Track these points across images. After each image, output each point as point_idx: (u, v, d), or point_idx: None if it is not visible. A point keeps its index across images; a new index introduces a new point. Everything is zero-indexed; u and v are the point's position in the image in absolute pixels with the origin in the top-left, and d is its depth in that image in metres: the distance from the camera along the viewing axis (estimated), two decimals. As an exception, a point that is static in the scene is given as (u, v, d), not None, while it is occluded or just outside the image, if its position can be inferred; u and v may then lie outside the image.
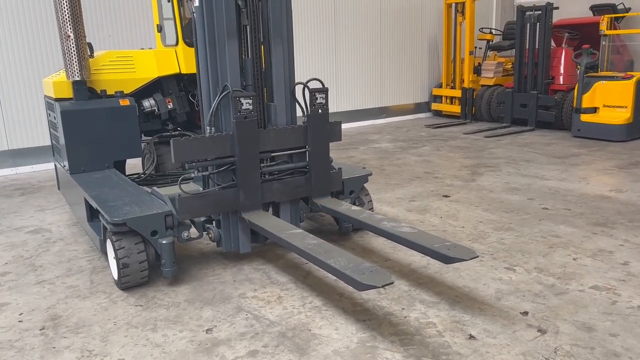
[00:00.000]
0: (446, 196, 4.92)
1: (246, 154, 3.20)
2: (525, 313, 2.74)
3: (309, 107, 3.41)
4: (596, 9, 9.44)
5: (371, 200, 3.99)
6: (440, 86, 10.38)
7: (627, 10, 9.21)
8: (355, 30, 9.37)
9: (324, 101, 3.42)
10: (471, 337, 2.53)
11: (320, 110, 3.43)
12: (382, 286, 2.30)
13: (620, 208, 4.43)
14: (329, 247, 2.73)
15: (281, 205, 3.50)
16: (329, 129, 3.54)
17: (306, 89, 3.44)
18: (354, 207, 3.46)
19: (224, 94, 3.15)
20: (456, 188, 5.19)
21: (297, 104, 3.50)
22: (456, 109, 9.95)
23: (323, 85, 3.50)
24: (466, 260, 2.57)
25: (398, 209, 4.55)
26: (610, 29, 8.11)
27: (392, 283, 2.32)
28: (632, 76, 7.27)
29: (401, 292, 3.01)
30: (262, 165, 3.37)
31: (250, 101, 3.15)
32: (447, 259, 2.63)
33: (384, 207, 4.61)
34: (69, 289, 3.18)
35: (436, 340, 2.51)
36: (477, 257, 2.66)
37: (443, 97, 10.28)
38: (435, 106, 10.47)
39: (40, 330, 2.72)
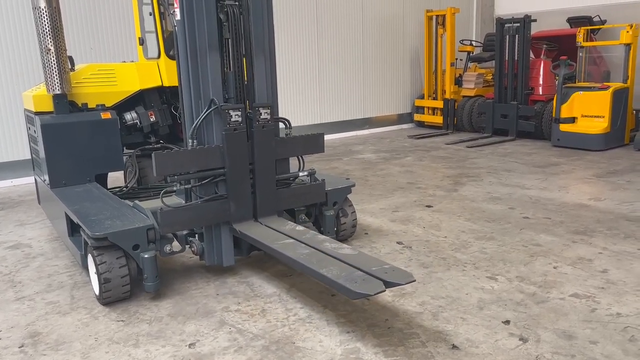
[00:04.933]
0: (429, 206, 4.96)
1: (236, 165, 3.24)
2: (507, 322, 2.76)
3: (252, 123, 3.30)
4: (573, 21, 9.64)
5: (355, 212, 4.00)
6: (422, 97, 10.49)
7: (603, 22, 9.42)
8: (337, 42, 9.44)
9: (268, 117, 3.35)
10: (454, 346, 2.54)
11: (264, 127, 3.33)
12: (375, 294, 2.29)
13: (599, 216, 4.50)
14: (321, 257, 2.73)
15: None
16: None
17: (248, 106, 3.36)
18: (298, 228, 3.29)
19: (212, 109, 3.15)
20: (439, 198, 5.24)
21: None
22: (438, 119, 10.05)
23: (270, 104, 3.38)
24: (402, 284, 2.45)
25: (382, 220, 4.57)
26: (587, 41, 8.28)
27: (384, 291, 2.34)
28: (609, 87, 7.44)
29: (385, 302, 3.02)
30: None
31: (239, 113, 3.19)
32: (384, 283, 2.48)
33: (367, 218, 4.63)
34: (49, 305, 3.13)
35: (420, 350, 2.52)
36: (414, 281, 2.52)
37: (425, 108, 10.39)
38: (417, 117, 10.57)
39: (19, 347, 2.67)
